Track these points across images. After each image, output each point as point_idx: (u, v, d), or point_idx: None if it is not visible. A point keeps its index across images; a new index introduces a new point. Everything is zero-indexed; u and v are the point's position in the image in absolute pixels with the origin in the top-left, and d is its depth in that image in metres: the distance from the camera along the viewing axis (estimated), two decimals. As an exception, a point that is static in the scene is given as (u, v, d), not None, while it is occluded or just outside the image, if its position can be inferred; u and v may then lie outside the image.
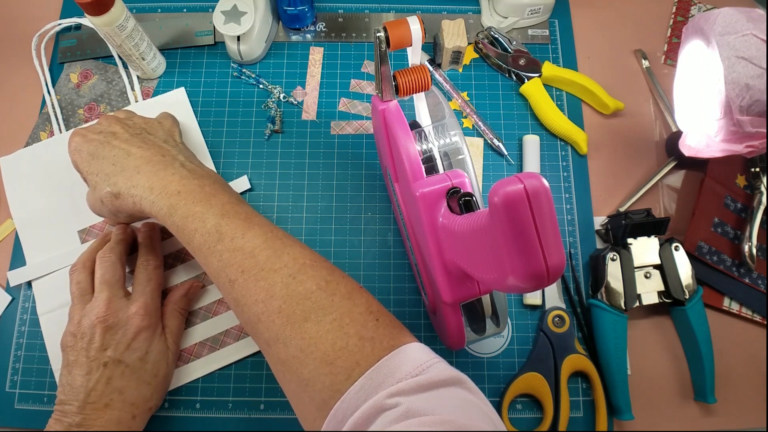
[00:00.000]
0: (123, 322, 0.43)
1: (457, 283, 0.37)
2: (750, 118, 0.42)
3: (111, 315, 0.43)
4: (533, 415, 0.49)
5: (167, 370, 0.46)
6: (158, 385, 0.44)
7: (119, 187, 0.43)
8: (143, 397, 0.43)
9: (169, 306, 0.48)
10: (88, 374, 0.41)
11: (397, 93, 0.39)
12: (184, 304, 0.49)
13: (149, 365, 0.44)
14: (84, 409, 0.40)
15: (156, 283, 0.47)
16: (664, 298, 0.50)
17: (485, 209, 0.29)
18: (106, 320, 0.42)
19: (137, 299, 0.44)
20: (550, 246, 0.26)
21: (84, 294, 0.45)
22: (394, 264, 0.53)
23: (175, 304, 0.48)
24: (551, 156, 0.56)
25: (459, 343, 0.41)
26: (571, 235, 0.54)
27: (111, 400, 0.41)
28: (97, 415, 0.40)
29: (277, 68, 0.59)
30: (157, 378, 0.44)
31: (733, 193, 0.54)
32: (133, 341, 0.43)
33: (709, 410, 0.49)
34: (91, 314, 0.43)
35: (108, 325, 0.42)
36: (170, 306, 0.48)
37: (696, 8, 0.62)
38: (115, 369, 0.42)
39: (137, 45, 0.53)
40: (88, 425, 0.39)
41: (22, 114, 0.57)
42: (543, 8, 0.58)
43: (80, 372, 0.41)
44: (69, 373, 0.42)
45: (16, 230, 0.53)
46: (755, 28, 0.42)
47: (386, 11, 0.62)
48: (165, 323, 0.47)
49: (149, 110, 0.56)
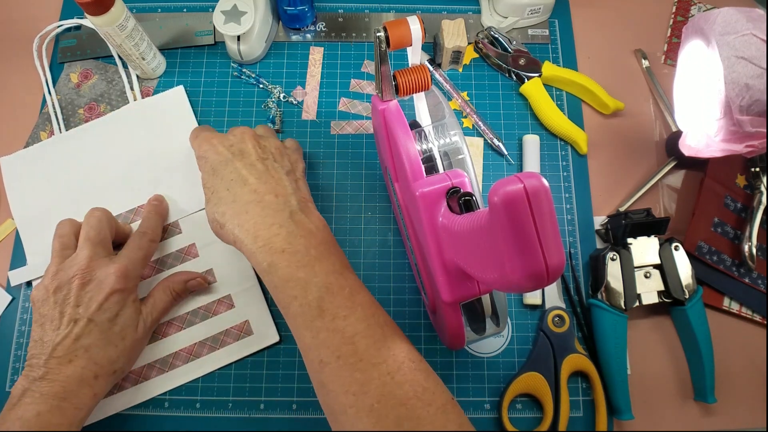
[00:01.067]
0: (98, 279, 0.42)
1: (457, 282, 0.37)
2: (750, 117, 0.42)
3: (88, 272, 0.42)
4: (533, 415, 0.49)
5: (135, 337, 0.44)
6: (125, 349, 0.43)
7: (225, 220, 0.41)
8: (109, 358, 0.42)
9: (165, 282, 0.48)
10: (57, 330, 0.41)
11: (397, 93, 0.39)
12: (180, 288, 0.48)
13: (117, 327, 0.43)
14: (48, 362, 0.40)
15: (144, 254, 0.46)
16: (664, 298, 0.50)
17: (485, 209, 0.29)
18: (84, 276, 0.42)
19: (119, 261, 0.44)
20: (549, 246, 0.26)
21: (65, 248, 0.44)
22: (394, 264, 0.53)
23: (172, 284, 0.48)
24: (551, 156, 0.56)
25: (459, 343, 0.41)
26: (571, 235, 0.54)
27: (75, 356, 0.40)
28: (59, 369, 0.40)
29: (277, 68, 0.59)
30: (125, 341, 0.43)
31: (733, 193, 0.54)
32: (105, 301, 0.42)
33: (709, 410, 0.49)
34: (70, 270, 0.42)
35: (84, 281, 0.42)
36: (166, 282, 0.48)
37: (696, 8, 0.62)
38: (84, 327, 0.41)
39: (137, 45, 0.53)
40: (50, 378, 0.39)
41: (22, 114, 0.57)
42: (543, 8, 0.58)
43: (51, 326, 0.41)
44: (41, 327, 0.42)
45: (17, 230, 0.53)
46: (755, 28, 0.42)
47: (386, 11, 0.62)
48: (152, 294, 0.47)
49: (148, 109, 0.56)
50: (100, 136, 0.55)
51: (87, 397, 0.41)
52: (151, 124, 0.56)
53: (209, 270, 0.51)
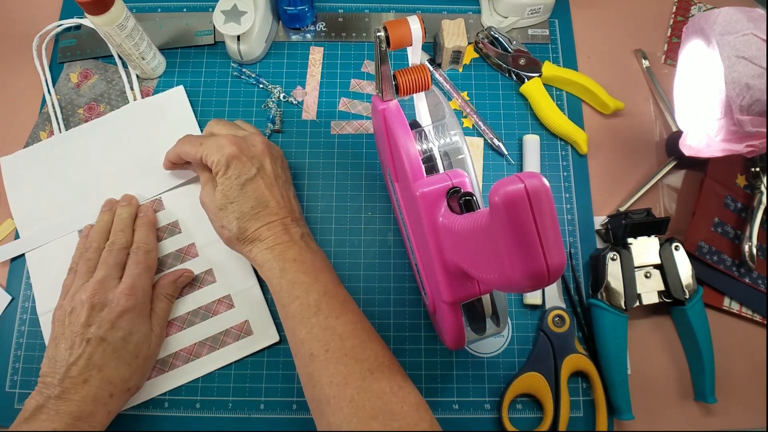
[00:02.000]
0: (109, 300, 0.44)
1: (458, 282, 0.37)
2: (750, 117, 0.42)
3: (99, 293, 0.44)
4: (533, 415, 0.49)
5: (148, 353, 0.46)
6: (138, 367, 0.45)
7: (246, 234, 0.45)
8: (122, 377, 0.43)
9: (157, 290, 0.49)
10: (71, 348, 0.42)
11: (398, 92, 0.39)
12: (172, 290, 0.49)
13: (131, 346, 0.44)
14: (63, 382, 0.41)
15: (144, 266, 0.47)
16: (664, 297, 0.50)
17: (485, 209, 0.29)
18: (95, 298, 0.43)
19: (125, 281, 0.45)
20: (550, 245, 0.26)
21: (89, 272, 0.46)
22: (394, 264, 0.53)
23: (163, 289, 0.49)
24: (551, 156, 0.56)
25: (459, 343, 0.41)
26: (571, 235, 0.54)
27: (90, 376, 0.42)
28: (75, 389, 0.41)
29: (277, 68, 0.59)
30: (138, 359, 0.45)
31: (733, 192, 0.54)
32: (117, 320, 0.43)
33: (709, 410, 0.49)
34: (83, 293, 0.44)
35: (95, 303, 0.43)
36: (158, 290, 0.49)
37: (696, 8, 0.62)
38: (97, 346, 0.42)
39: (137, 44, 0.53)
40: (66, 397, 0.41)
41: (22, 114, 0.57)
42: (543, 8, 0.58)
43: (65, 345, 0.42)
44: (56, 347, 0.43)
45: (16, 230, 0.53)
46: (755, 28, 0.42)
47: (386, 11, 0.62)
48: (152, 306, 0.48)
49: (148, 109, 0.56)
50: (99, 136, 0.55)
51: (102, 416, 0.42)
52: (150, 124, 0.56)
53: (209, 270, 0.51)
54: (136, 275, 0.46)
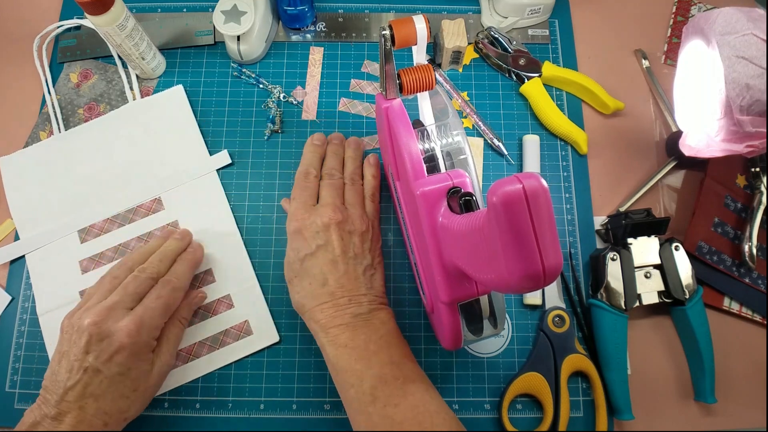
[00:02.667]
0: (111, 332, 0.41)
1: (456, 282, 0.37)
2: (750, 117, 0.42)
3: (103, 322, 0.41)
4: (533, 415, 0.49)
5: (147, 385, 0.44)
6: (137, 399, 0.43)
7: (304, 310, 0.46)
8: (118, 409, 0.42)
9: (175, 315, 0.47)
10: (69, 372, 0.41)
11: (401, 91, 0.39)
12: (187, 314, 0.48)
13: (129, 381, 0.42)
14: (60, 404, 0.40)
15: (165, 303, 0.45)
16: (664, 298, 0.50)
17: (484, 209, 0.29)
18: (98, 325, 0.41)
19: (134, 314, 0.43)
20: (547, 247, 0.26)
21: (110, 290, 0.44)
22: (394, 264, 0.53)
23: (178, 313, 0.47)
24: (551, 156, 0.56)
25: (455, 344, 0.41)
26: (571, 235, 0.54)
27: (85, 404, 0.40)
28: (71, 413, 0.40)
29: (277, 68, 0.59)
30: (136, 392, 0.43)
31: (733, 193, 0.54)
32: (115, 355, 0.41)
33: (709, 410, 0.49)
34: (90, 315, 0.42)
35: (94, 332, 0.41)
36: (175, 315, 0.47)
37: (696, 8, 0.62)
38: (93, 377, 0.41)
39: (137, 45, 0.53)
40: (62, 419, 0.40)
41: (22, 114, 0.57)
42: (543, 8, 0.58)
43: (66, 366, 0.41)
44: (58, 362, 0.42)
45: (16, 230, 0.53)
46: (755, 28, 0.42)
47: (386, 11, 0.62)
48: (165, 334, 0.46)
49: (147, 109, 0.56)
50: (99, 136, 0.55)
51: None
52: (150, 123, 0.56)
53: (209, 270, 0.51)
54: (149, 310, 0.44)
